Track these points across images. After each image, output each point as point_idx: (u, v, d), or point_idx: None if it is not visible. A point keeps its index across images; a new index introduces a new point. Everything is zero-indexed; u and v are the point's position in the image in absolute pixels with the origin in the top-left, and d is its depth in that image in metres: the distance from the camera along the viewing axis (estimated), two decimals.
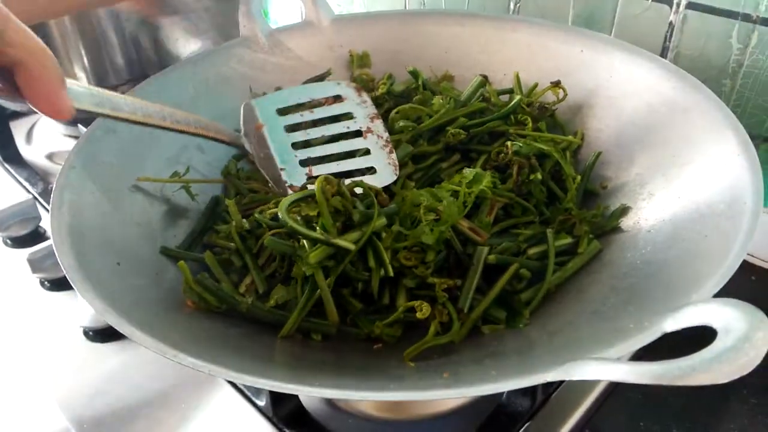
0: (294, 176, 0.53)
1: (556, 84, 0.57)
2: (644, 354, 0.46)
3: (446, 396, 0.31)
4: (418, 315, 0.42)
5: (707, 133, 0.46)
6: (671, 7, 0.62)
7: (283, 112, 0.57)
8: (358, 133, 0.56)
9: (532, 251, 0.47)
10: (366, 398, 0.31)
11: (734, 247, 0.36)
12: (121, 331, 0.34)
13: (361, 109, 0.57)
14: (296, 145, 0.55)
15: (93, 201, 0.46)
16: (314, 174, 0.53)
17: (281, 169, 0.53)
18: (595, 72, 0.57)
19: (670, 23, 0.63)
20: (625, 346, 0.32)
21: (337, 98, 0.59)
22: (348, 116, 0.57)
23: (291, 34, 0.63)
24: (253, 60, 0.60)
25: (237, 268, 0.47)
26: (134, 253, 0.45)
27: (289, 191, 0.52)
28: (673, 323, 0.32)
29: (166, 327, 0.38)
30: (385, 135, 0.56)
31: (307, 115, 0.57)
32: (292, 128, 0.56)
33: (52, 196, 0.43)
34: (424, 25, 0.65)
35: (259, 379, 0.32)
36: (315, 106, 0.58)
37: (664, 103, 0.51)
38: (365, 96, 0.58)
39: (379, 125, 0.56)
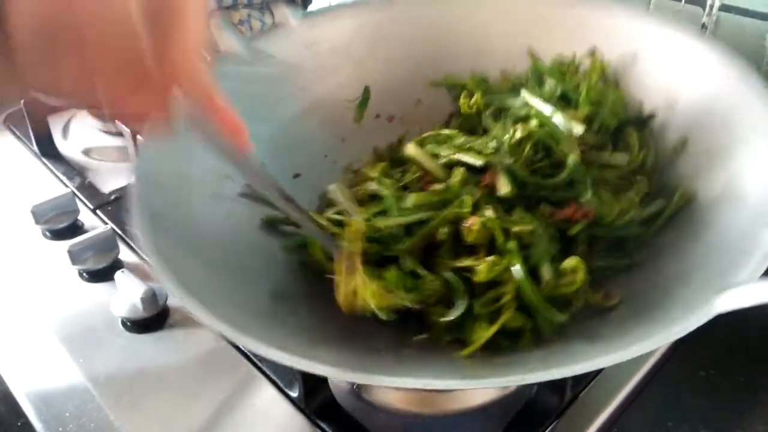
0: None
1: (592, 53, 0.56)
2: None
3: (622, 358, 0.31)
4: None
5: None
6: (704, 9, 0.62)
7: None
8: None
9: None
10: (554, 376, 0.32)
11: None
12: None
13: None
14: None
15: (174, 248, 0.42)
16: None
17: None
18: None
19: (703, 25, 0.62)
20: (752, 267, 0.34)
21: None
22: None
23: (267, 40, 0.60)
24: (240, 74, 0.58)
25: None
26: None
27: None
28: None
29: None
30: None
31: None
32: None
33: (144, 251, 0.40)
34: (395, 12, 0.64)
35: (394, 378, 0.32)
36: None
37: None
38: None
39: None
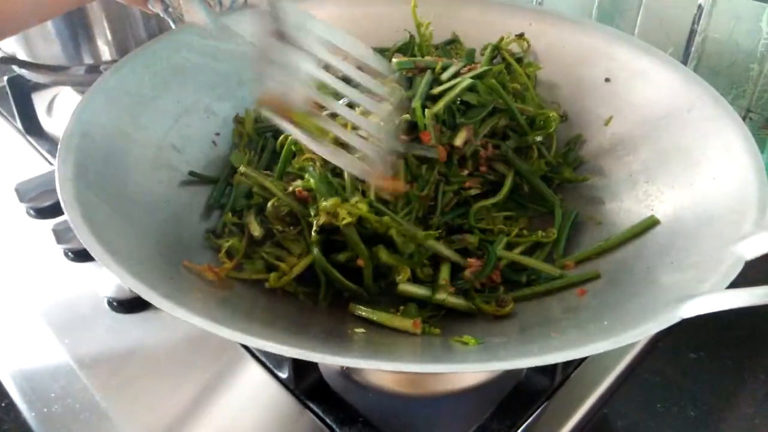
0: None
1: (520, 36, 0.62)
2: None
3: (577, 355, 0.32)
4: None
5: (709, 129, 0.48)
6: None
7: None
8: None
9: None
10: (523, 365, 0.33)
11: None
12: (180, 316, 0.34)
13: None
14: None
15: (102, 212, 0.43)
16: None
17: None
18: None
19: (699, 6, 0.62)
20: (718, 278, 0.34)
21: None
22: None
23: (237, 19, 0.57)
24: (204, 47, 0.57)
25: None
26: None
27: None
28: (750, 251, 0.35)
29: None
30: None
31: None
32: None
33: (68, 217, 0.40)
34: (374, 6, 0.65)
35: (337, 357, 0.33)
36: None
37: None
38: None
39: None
